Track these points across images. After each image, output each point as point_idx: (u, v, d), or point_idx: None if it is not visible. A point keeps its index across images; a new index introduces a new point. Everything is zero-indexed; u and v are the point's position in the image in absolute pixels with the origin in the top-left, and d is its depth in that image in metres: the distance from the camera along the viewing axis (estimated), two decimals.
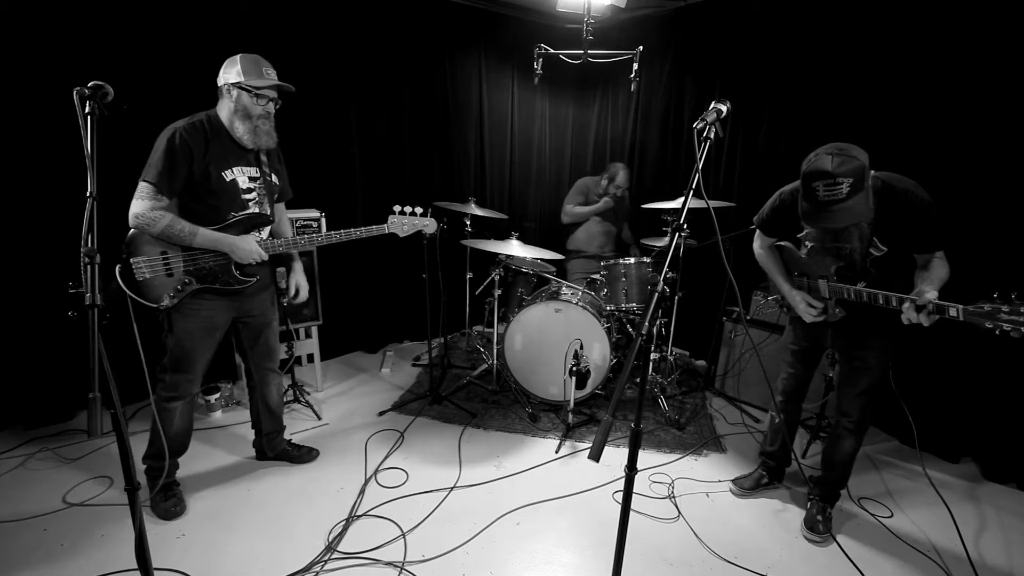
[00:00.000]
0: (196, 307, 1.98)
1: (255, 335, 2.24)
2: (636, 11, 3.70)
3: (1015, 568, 1.98)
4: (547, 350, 2.97)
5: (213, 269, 1.97)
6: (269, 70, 1.95)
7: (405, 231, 2.31)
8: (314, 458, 2.51)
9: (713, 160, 3.63)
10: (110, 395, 1.20)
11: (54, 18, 2.39)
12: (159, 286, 1.89)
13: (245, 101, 1.91)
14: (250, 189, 2.02)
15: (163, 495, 2.10)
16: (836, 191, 1.57)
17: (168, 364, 2.02)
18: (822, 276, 1.95)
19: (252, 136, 1.96)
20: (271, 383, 2.34)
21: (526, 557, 1.96)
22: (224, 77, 1.92)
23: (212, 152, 1.90)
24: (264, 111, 1.96)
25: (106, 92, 1.35)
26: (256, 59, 1.93)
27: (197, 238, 1.88)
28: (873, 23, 2.75)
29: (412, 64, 3.61)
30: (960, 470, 2.60)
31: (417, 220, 2.32)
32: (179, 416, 2.09)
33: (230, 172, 1.96)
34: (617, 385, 1.46)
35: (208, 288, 1.97)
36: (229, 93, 1.91)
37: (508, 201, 4.36)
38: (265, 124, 1.98)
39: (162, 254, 1.89)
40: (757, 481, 2.37)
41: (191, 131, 1.86)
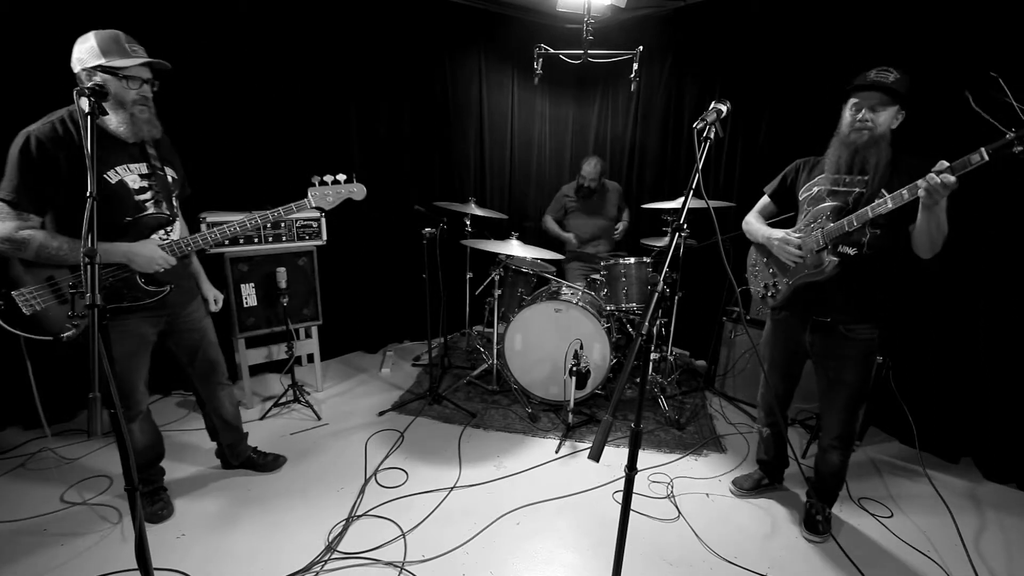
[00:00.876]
0: (123, 327, 1.77)
1: (191, 351, 2.03)
2: (636, 11, 3.70)
3: (1015, 568, 1.98)
4: (547, 350, 2.97)
5: (115, 285, 1.70)
6: (135, 46, 1.65)
7: (331, 202, 2.01)
8: (280, 466, 2.41)
9: (713, 160, 3.63)
10: (110, 395, 1.20)
11: (54, 18, 2.39)
12: (55, 317, 1.64)
13: (113, 87, 1.59)
14: (143, 188, 1.75)
15: (149, 500, 2.08)
16: (886, 75, 1.73)
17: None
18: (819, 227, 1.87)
19: (130, 127, 1.67)
20: (221, 396, 2.18)
21: (526, 557, 1.96)
22: (79, 60, 1.59)
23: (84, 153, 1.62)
24: (139, 95, 1.66)
25: (106, 92, 1.35)
26: (116, 35, 1.63)
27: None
28: (873, 23, 2.75)
29: (412, 64, 3.61)
30: (960, 470, 2.60)
31: (343, 188, 2.04)
32: (139, 433, 1.98)
33: (114, 173, 1.68)
34: (617, 385, 1.46)
35: (116, 307, 1.73)
36: (90, 79, 1.57)
37: (508, 201, 4.36)
38: (144, 111, 1.68)
39: (48, 280, 1.63)
40: (757, 482, 2.37)
41: (49, 134, 1.58)
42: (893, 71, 1.73)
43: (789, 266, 1.97)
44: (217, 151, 2.93)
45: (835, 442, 2.01)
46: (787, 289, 1.99)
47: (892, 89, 1.71)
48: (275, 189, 3.13)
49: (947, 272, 2.50)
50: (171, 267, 1.78)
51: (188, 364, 2.07)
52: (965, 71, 2.43)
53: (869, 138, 1.76)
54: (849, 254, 1.82)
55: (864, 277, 1.82)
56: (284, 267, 2.85)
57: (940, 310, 2.61)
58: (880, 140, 1.76)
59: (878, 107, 1.74)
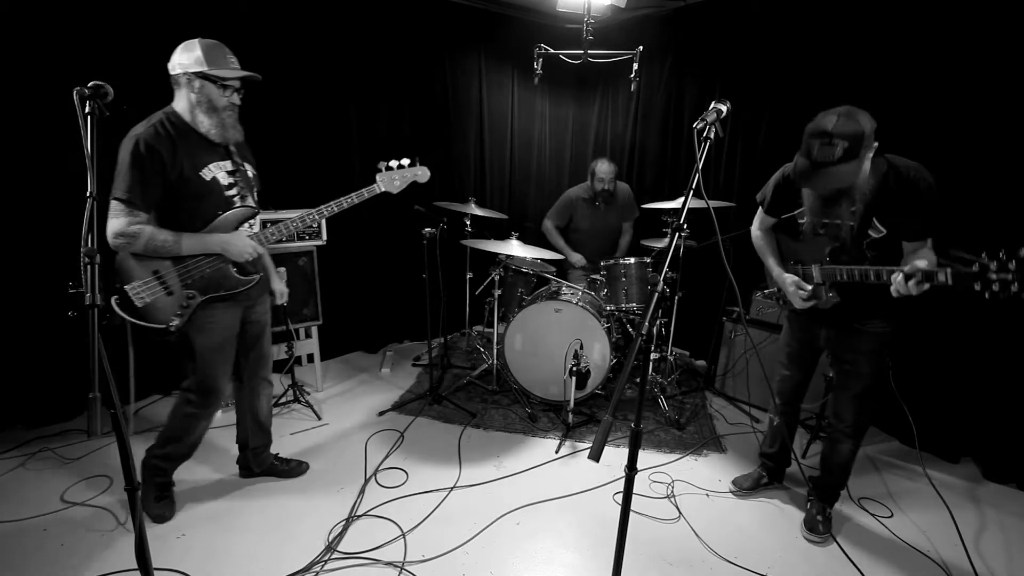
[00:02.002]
0: (212, 320, 1.89)
1: (253, 341, 2.12)
2: (636, 11, 3.70)
3: (1015, 568, 1.98)
4: (547, 350, 2.97)
5: (212, 276, 1.84)
6: (232, 57, 1.80)
7: (398, 186, 2.10)
8: (304, 471, 2.39)
9: (713, 160, 3.63)
10: (110, 395, 1.20)
11: (54, 18, 2.39)
12: (162, 308, 1.78)
13: (211, 92, 1.75)
14: (231, 184, 1.89)
15: (157, 495, 2.08)
16: (829, 152, 1.56)
17: (195, 385, 1.96)
18: (816, 260, 1.92)
19: (220, 130, 1.81)
20: (263, 394, 2.23)
21: (526, 557, 1.96)
22: (181, 64, 1.73)
23: (183, 153, 1.75)
24: (230, 103, 1.81)
25: (106, 92, 1.34)
26: (218, 45, 1.77)
27: (183, 245, 1.76)
28: (873, 22, 2.75)
29: (412, 64, 3.61)
30: (960, 470, 2.60)
31: (408, 171, 2.11)
32: (201, 429, 2.07)
33: (207, 171, 1.81)
34: (617, 385, 1.46)
35: (214, 297, 1.86)
36: (190, 83, 1.73)
37: (508, 201, 4.36)
38: (231, 116, 1.83)
39: (155, 273, 1.76)
40: (756, 481, 2.37)
41: (155, 136, 1.70)
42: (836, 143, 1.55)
43: None
44: None
45: (848, 430, 2.02)
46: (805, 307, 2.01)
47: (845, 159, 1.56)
48: (275, 189, 3.13)
49: None
50: (258, 256, 1.90)
51: (245, 355, 2.13)
52: (965, 70, 2.44)
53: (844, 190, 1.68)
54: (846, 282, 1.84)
55: (872, 288, 1.79)
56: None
57: (940, 310, 2.61)
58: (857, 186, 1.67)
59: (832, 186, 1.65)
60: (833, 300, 1.91)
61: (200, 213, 1.82)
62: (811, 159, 1.61)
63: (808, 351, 2.13)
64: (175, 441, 2.06)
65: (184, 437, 2.05)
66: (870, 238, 1.80)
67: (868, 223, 1.78)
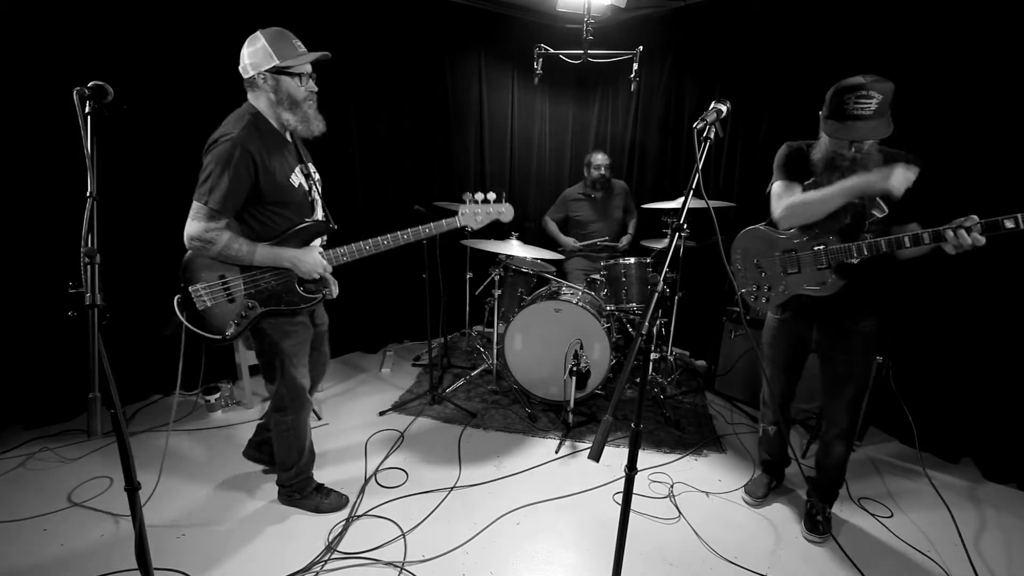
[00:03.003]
0: (293, 324, 1.86)
1: (316, 343, 2.09)
2: (636, 11, 3.70)
3: (1015, 568, 1.98)
4: (547, 350, 2.97)
5: (276, 289, 1.78)
6: (297, 41, 1.68)
7: (479, 221, 1.99)
8: None
9: (713, 160, 3.63)
10: (110, 395, 1.20)
11: (54, 18, 2.39)
12: (221, 314, 1.73)
13: (288, 86, 1.65)
14: (310, 189, 1.83)
15: (321, 494, 2.14)
16: (865, 105, 1.60)
17: (285, 388, 1.91)
18: (820, 243, 1.83)
19: (305, 125, 1.72)
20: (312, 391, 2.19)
21: (526, 557, 1.96)
22: (253, 64, 1.64)
23: (274, 157, 1.67)
24: (308, 91, 1.71)
25: (106, 92, 1.34)
26: (282, 32, 1.66)
27: (256, 256, 1.68)
28: (873, 22, 2.75)
29: (412, 64, 3.61)
30: (960, 470, 2.60)
31: (492, 208, 2.00)
32: (307, 428, 2.06)
33: (295, 176, 1.75)
34: (617, 385, 1.46)
35: (272, 310, 1.80)
36: (266, 82, 1.65)
37: (508, 201, 4.34)
38: (312, 107, 1.74)
39: (220, 278, 1.71)
40: (767, 487, 2.34)
41: (249, 139, 1.61)
42: (872, 95, 1.60)
43: (782, 276, 1.94)
44: None
45: (844, 433, 2.02)
46: (781, 296, 1.97)
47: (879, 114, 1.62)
48: None
49: (947, 272, 2.50)
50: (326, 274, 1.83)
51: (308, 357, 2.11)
52: (965, 70, 2.44)
53: (859, 161, 1.71)
54: (852, 263, 1.80)
55: (869, 277, 1.81)
56: None
57: (940, 309, 2.61)
58: (869, 159, 1.71)
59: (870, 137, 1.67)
60: (838, 285, 1.81)
61: (289, 219, 1.76)
62: (846, 113, 1.63)
63: (796, 356, 2.08)
64: (299, 453, 2.06)
65: (303, 444, 2.05)
66: (873, 217, 1.78)
67: (873, 202, 1.76)
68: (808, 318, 1.98)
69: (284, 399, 1.95)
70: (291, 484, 2.12)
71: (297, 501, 2.14)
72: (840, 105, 1.65)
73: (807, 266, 1.88)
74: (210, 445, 2.58)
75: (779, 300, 1.98)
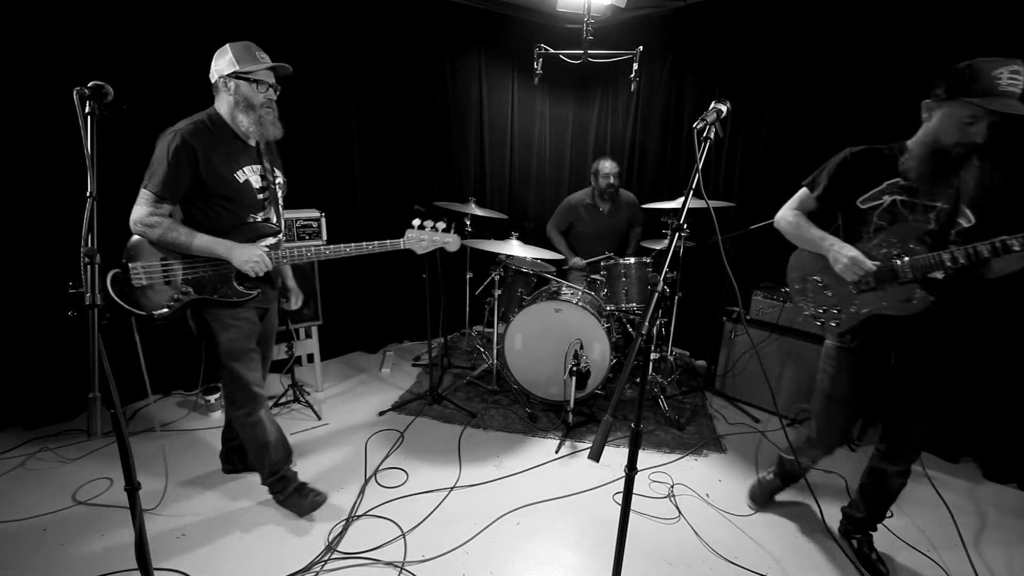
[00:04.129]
0: (236, 316, 1.92)
1: (264, 345, 2.15)
2: (636, 11, 3.70)
3: (1015, 568, 1.98)
4: (547, 350, 2.97)
5: (212, 279, 1.87)
6: (262, 54, 1.83)
7: (423, 248, 2.10)
8: None
9: (713, 160, 3.63)
10: (110, 395, 1.20)
11: (54, 18, 2.39)
12: (156, 295, 1.81)
13: (245, 91, 1.80)
14: (263, 188, 1.93)
15: (300, 494, 2.13)
16: (1018, 83, 1.42)
17: (231, 385, 1.96)
18: (897, 254, 1.62)
19: (258, 127, 1.84)
20: None
21: (526, 557, 1.96)
22: (217, 70, 1.80)
23: (220, 153, 1.80)
24: (266, 99, 1.84)
25: (106, 92, 1.34)
26: (248, 45, 1.81)
27: (195, 243, 1.78)
28: (873, 22, 2.75)
29: (412, 64, 3.61)
30: (960, 470, 2.60)
31: (438, 236, 2.11)
32: (268, 423, 2.05)
33: (242, 173, 1.86)
34: (617, 385, 1.45)
35: (206, 300, 1.87)
36: (226, 86, 1.79)
37: (508, 201, 4.36)
38: (269, 113, 1.86)
39: (162, 260, 1.81)
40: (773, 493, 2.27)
41: (194, 133, 1.75)
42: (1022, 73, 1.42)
43: (853, 293, 1.71)
44: None
45: (905, 468, 1.81)
46: (854, 318, 1.72)
47: None
48: None
49: None
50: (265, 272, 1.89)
51: None
52: None
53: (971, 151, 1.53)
54: (938, 279, 1.61)
55: (953, 291, 1.63)
56: None
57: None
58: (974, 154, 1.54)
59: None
60: (927, 301, 1.61)
61: (233, 213, 1.86)
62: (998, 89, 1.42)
63: (861, 393, 1.81)
64: (264, 449, 2.05)
65: (266, 439, 2.05)
66: (959, 227, 1.58)
67: (958, 209, 1.56)
68: (886, 344, 1.74)
69: (232, 392, 1.99)
70: (270, 484, 2.12)
71: (282, 503, 2.14)
72: (993, 80, 1.43)
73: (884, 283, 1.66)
74: (210, 445, 2.58)
75: (853, 322, 1.72)
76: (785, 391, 3.00)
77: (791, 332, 2.97)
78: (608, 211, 3.67)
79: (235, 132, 1.86)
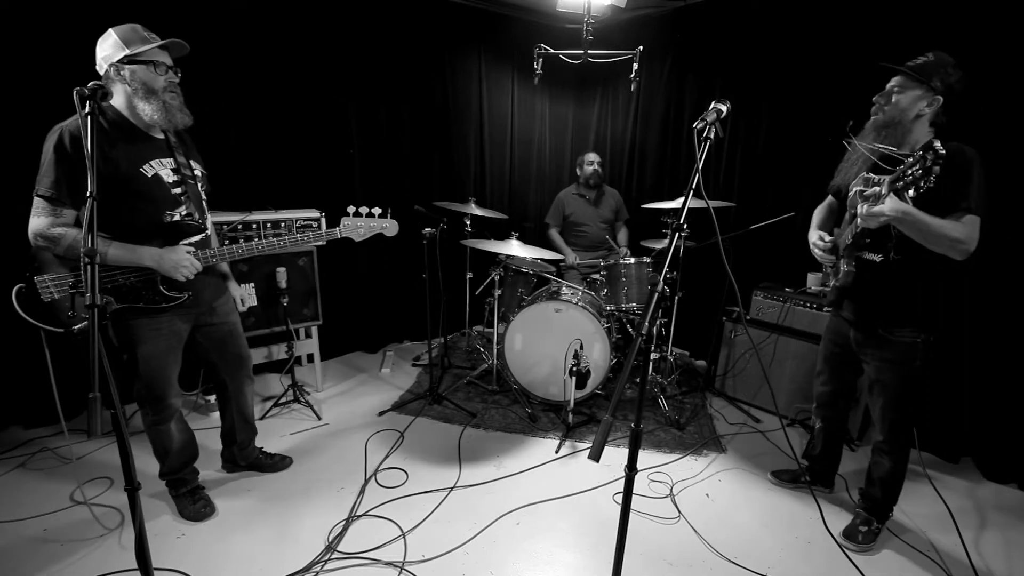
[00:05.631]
0: (155, 326, 1.80)
1: (221, 343, 2.07)
2: (636, 11, 3.70)
3: (1015, 569, 1.98)
4: (547, 350, 2.96)
5: (135, 285, 1.72)
6: (150, 34, 1.67)
7: (361, 235, 2.05)
8: (287, 466, 2.42)
9: (713, 160, 3.63)
10: (110, 395, 1.20)
11: (54, 18, 2.39)
12: (69, 309, 1.67)
13: (142, 75, 1.62)
14: (176, 183, 1.77)
15: (191, 499, 2.10)
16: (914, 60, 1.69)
17: (144, 392, 1.87)
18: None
19: (164, 114, 1.67)
20: (246, 391, 2.21)
21: (526, 557, 1.96)
22: (104, 57, 1.62)
23: (118, 148, 1.63)
24: (167, 81, 1.67)
25: (106, 92, 1.34)
26: (134, 27, 1.65)
27: (109, 256, 1.61)
28: (873, 22, 2.75)
29: (412, 64, 3.61)
30: (960, 470, 2.60)
31: (375, 222, 2.05)
32: (176, 432, 2.01)
33: (148, 167, 1.69)
34: (617, 385, 1.46)
35: (131, 307, 1.74)
36: (119, 73, 1.62)
37: (508, 201, 4.36)
38: (175, 98, 1.70)
39: (72, 271, 1.66)
40: (796, 477, 2.39)
41: (79, 128, 1.56)
42: (929, 55, 1.68)
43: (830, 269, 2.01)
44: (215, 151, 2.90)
45: (883, 444, 1.97)
46: (833, 291, 1.98)
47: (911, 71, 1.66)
48: (275, 189, 3.13)
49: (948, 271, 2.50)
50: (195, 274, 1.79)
51: (219, 358, 2.10)
52: None
53: (882, 120, 1.74)
54: (875, 261, 1.78)
55: (899, 281, 1.77)
56: (284, 267, 2.85)
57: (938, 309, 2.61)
58: (895, 125, 1.71)
59: (896, 90, 1.71)
60: (849, 273, 1.84)
61: (145, 212, 1.71)
62: None
63: (842, 357, 2.06)
64: (165, 454, 2.04)
65: (169, 446, 2.02)
66: None
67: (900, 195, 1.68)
68: (848, 319, 1.96)
69: (143, 400, 1.90)
70: (165, 480, 2.10)
71: (173, 498, 2.12)
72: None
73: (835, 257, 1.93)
74: (209, 445, 2.58)
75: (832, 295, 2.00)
76: (785, 391, 3.00)
77: (791, 332, 2.97)
78: (593, 198, 3.87)
79: (134, 124, 1.70)
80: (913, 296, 1.78)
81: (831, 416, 2.22)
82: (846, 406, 2.24)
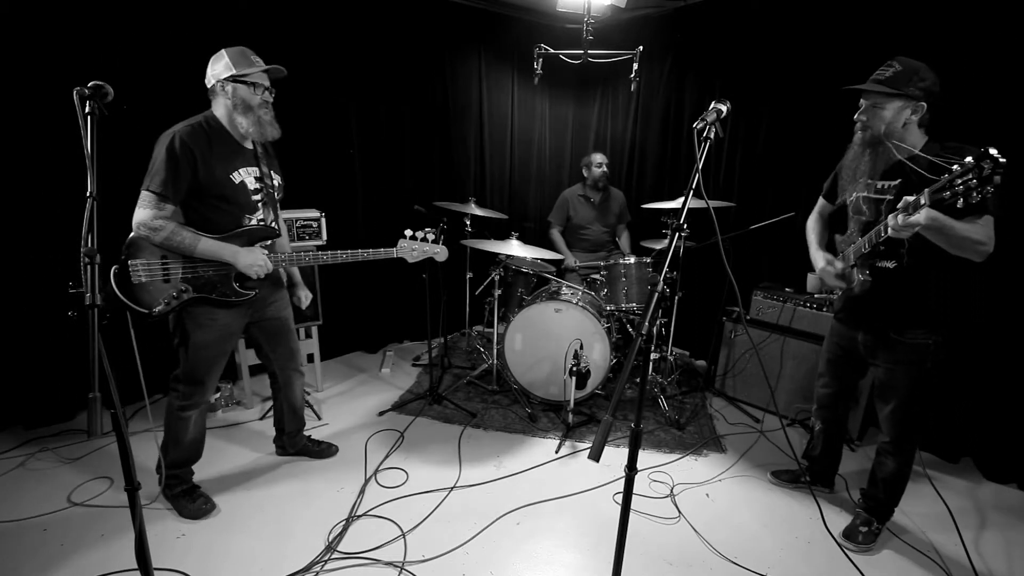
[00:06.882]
0: (212, 316, 1.94)
1: (275, 338, 2.22)
2: (636, 11, 3.70)
3: (1015, 569, 1.98)
4: (547, 350, 2.97)
5: (212, 279, 1.91)
6: (256, 58, 1.89)
7: (415, 257, 2.25)
8: (334, 453, 2.54)
9: (713, 160, 3.63)
10: (110, 395, 1.20)
11: (54, 18, 2.39)
12: (154, 292, 1.83)
13: (243, 93, 1.85)
14: (258, 190, 1.98)
15: (189, 498, 2.12)
16: (883, 72, 1.70)
17: (183, 375, 1.99)
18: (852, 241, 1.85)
19: (257, 128, 1.89)
20: (295, 384, 2.35)
21: (526, 557, 1.96)
22: (213, 74, 1.86)
23: (217, 154, 1.85)
24: (263, 100, 1.89)
25: (106, 92, 1.35)
26: (243, 50, 1.87)
27: (199, 248, 1.82)
28: (873, 22, 2.75)
29: (412, 64, 3.61)
30: (960, 470, 2.60)
31: (428, 247, 2.25)
32: (193, 424, 2.07)
33: (237, 174, 1.91)
34: (617, 385, 1.46)
35: (207, 298, 1.91)
36: (223, 89, 1.85)
37: (508, 201, 4.36)
38: (267, 114, 1.92)
39: (162, 259, 1.84)
40: (796, 477, 2.39)
41: (191, 134, 1.79)
42: (895, 64, 1.68)
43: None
44: None
45: (888, 446, 1.97)
46: (844, 299, 1.99)
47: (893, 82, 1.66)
48: None
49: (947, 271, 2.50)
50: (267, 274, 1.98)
51: (272, 351, 2.25)
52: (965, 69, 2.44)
53: (870, 136, 1.75)
54: (888, 268, 1.78)
55: (912, 285, 1.77)
56: None
57: None
58: (882, 140, 1.72)
59: (878, 104, 1.71)
60: (865, 283, 1.81)
61: (229, 213, 1.91)
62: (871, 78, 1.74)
63: (846, 360, 2.06)
64: (174, 444, 2.06)
65: (181, 437, 2.05)
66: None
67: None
68: (856, 323, 1.96)
69: (182, 384, 2.00)
70: (164, 471, 2.10)
71: (169, 498, 2.14)
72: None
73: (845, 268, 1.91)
74: (210, 445, 2.57)
75: (839, 302, 2.04)
76: (785, 391, 3.00)
77: (791, 332, 2.97)
78: (599, 201, 3.82)
79: (231, 135, 1.91)
80: (924, 299, 1.77)
81: (831, 418, 2.22)
82: (846, 407, 2.25)
